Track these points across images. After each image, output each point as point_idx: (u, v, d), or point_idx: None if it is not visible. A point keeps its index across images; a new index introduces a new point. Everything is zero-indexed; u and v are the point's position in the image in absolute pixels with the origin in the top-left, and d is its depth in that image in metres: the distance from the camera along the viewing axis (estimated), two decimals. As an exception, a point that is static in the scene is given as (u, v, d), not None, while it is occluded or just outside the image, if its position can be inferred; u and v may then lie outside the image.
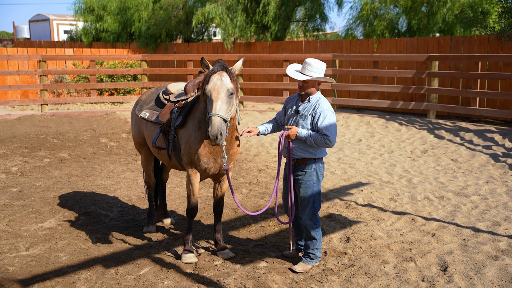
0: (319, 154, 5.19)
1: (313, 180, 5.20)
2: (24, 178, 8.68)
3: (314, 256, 5.31)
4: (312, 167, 5.18)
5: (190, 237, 5.58)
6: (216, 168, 5.42)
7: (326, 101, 5.18)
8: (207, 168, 5.37)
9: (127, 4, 26.08)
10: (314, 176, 5.19)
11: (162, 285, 4.93)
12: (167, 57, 17.83)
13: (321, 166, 5.26)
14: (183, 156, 5.44)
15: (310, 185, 5.20)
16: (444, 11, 16.78)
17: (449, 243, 5.84)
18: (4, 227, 6.45)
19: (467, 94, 13.09)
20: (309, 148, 5.14)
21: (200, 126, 5.28)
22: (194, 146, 5.28)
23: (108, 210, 7.16)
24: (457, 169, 9.22)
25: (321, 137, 5.02)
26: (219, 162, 5.37)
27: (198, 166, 5.35)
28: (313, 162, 5.19)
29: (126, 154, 10.60)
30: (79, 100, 16.47)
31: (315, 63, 5.08)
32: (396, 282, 4.92)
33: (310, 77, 5.08)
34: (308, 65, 5.09)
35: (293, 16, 21.84)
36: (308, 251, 5.31)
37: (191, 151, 5.31)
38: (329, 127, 5.02)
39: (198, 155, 5.28)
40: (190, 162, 5.38)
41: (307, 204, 5.23)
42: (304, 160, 5.18)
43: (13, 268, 5.31)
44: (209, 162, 5.32)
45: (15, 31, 43.10)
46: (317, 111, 5.09)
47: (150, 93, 6.28)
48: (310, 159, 5.18)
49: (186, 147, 5.37)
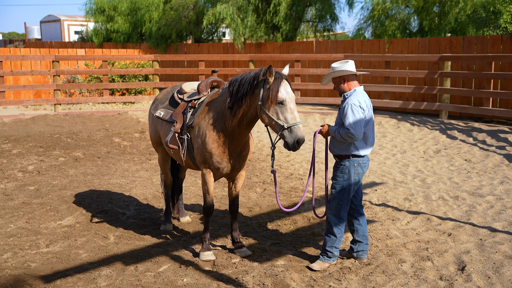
0: (353, 151, 5.17)
1: (344, 178, 5.20)
2: (41, 177, 8.77)
3: (331, 255, 5.31)
4: (345, 164, 5.20)
5: (207, 235, 5.63)
6: (229, 168, 5.46)
7: (356, 96, 5.14)
8: (220, 168, 5.42)
9: (138, 4, 26.23)
10: (345, 173, 5.20)
11: (181, 282, 4.98)
12: (178, 57, 17.91)
13: (357, 166, 5.21)
14: (197, 156, 5.49)
15: (339, 182, 5.22)
16: (456, 11, 16.74)
17: (466, 242, 5.86)
18: (24, 225, 6.53)
19: (480, 94, 13.07)
20: (342, 144, 5.19)
21: (215, 125, 5.33)
22: (208, 145, 5.33)
23: (124, 209, 7.23)
24: (471, 169, 9.21)
25: (343, 130, 5.05)
26: (232, 162, 5.42)
27: (212, 166, 5.40)
28: (347, 159, 5.21)
29: (139, 154, 10.67)
30: (91, 100, 16.59)
31: (334, 64, 5.23)
32: (414, 281, 4.94)
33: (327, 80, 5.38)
34: (331, 69, 5.26)
35: (304, 17, 21.87)
36: (326, 248, 5.31)
37: (204, 151, 5.35)
38: (351, 120, 5.02)
39: (211, 155, 5.33)
40: (203, 161, 5.43)
41: (334, 199, 5.27)
42: (339, 156, 5.26)
43: (35, 264, 5.39)
44: (222, 161, 5.37)
45: (26, 32, 43.41)
46: (344, 105, 5.14)
47: (166, 92, 6.33)
48: (344, 156, 5.21)
49: (199, 147, 5.41)
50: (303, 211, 7.15)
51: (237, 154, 5.43)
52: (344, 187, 5.21)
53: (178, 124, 5.63)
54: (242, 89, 5.09)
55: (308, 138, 11.54)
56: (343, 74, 5.18)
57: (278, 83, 4.91)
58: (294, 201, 7.60)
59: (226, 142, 5.32)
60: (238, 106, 5.12)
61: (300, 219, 6.83)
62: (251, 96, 5.07)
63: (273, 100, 4.89)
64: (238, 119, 5.17)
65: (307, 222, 6.73)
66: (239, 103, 5.11)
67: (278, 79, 4.93)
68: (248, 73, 5.19)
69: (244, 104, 5.10)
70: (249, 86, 5.06)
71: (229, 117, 5.19)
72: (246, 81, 5.09)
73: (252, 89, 5.05)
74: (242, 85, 5.10)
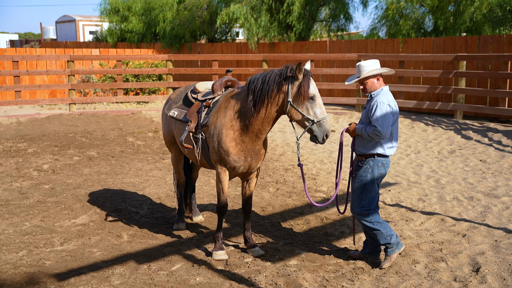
0: (379, 150, 5.16)
1: (366, 178, 5.18)
2: (56, 176, 8.85)
3: (390, 245, 5.21)
4: (369, 164, 5.19)
5: (220, 234, 5.64)
6: (246, 166, 5.47)
7: (385, 94, 5.17)
8: (237, 167, 5.42)
9: (152, 4, 26.35)
10: (368, 173, 5.18)
11: (194, 281, 4.99)
12: (192, 57, 17.97)
13: (381, 166, 5.20)
14: (212, 155, 5.49)
15: (362, 180, 5.20)
16: (472, 10, 16.57)
17: (481, 243, 5.80)
18: (39, 223, 6.60)
19: (495, 94, 12.94)
20: (368, 143, 5.17)
21: (232, 124, 5.33)
22: (225, 144, 5.33)
23: (138, 208, 7.26)
24: (486, 169, 9.12)
25: (371, 128, 5.03)
26: (249, 161, 5.43)
27: (228, 164, 5.40)
28: (371, 159, 5.19)
29: (153, 153, 10.72)
30: (105, 100, 16.70)
31: (363, 63, 5.19)
32: (427, 282, 4.91)
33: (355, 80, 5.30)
34: (358, 67, 5.23)
35: (317, 16, 21.81)
36: (381, 243, 5.23)
37: (221, 150, 5.36)
38: (379, 118, 5.01)
39: (229, 154, 5.33)
40: (219, 160, 5.43)
41: (355, 200, 5.26)
42: (363, 155, 5.24)
43: (50, 262, 5.43)
44: (239, 160, 5.38)
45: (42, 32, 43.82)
46: (371, 104, 5.14)
47: (179, 92, 6.33)
48: (368, 155, 5.19)
49: (215, 145, 5.41)
50: (316, 211, 7.13)
51: (255, 152, 5.45)
52: (366, 187, 5.20)
53: (193, 124, 5.63)
54: (267, 87, 5.13)
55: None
56: (377, 73, 5.19)
57: (308, 79, 5.03)
58: (307, 201, 7.58)
59: (245, 140, 5.33)
60: (261, 103, 5.17)
61: (313, 219, 6.82)
62: (277, 93, 5.12)
63: (306, 96, 5.00)
64: (261, 116, 5.20)
65: (320, 222, 6.71)
66: (263, 100, 5.16)
67: (307, 76, 5.04)
68: (270, 71, 5.23)
69: (269, 101, 5.15)
70: (275, 84, 5.11)
71: (251, 115, 5.22)
72: (271, 78, 5.14)
73: (278, 86, 5.11)
74: (266, 82, 5.14)
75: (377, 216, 5.26)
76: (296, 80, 5.03)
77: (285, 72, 5.08)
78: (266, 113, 5.18)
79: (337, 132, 12.83)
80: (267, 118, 5.21)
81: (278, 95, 5.12)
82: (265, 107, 5.16)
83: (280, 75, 5.11)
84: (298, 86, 5.03)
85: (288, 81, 5.06)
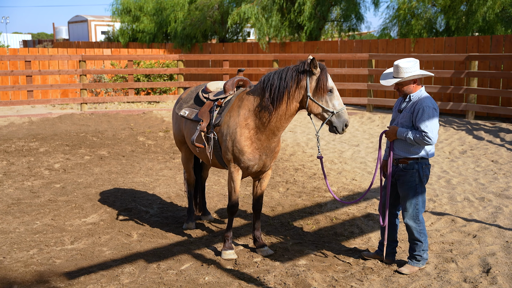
0: (423, 154, 5.05)
1: (415, 181, 5.07)
2: (67, 175, 8.92)
3: (420, 258, 5.16)
4: (414, 168, 5.06)
5: (230, 233, 5.65)
6: (260, 165, 5.48)
7: (428, 98, 5.03)
8: (250, 166, 5.43)
9: (163, 5, 26.45)
10: (416, 177, 5.06)
11: (203, 281, 5.00)
12: (203, 57, 18.01)
13: (425, 167, 5.10)
14: (225, 154, 5.49)
15: (412, 186, 5.08)
16: (484, 10, 16.43)
17: (491, 244, 5.76)
18: (50, 221, 6.65)
19: (508, 94, 12.84)
20: (411, 147, 5.04)
21: (247, 123, 5.34)
22: (240, 143, 5.33)
23: (148, 207, 7.29)
24: (497, 170, 9.05)
25: (419, 134, 4.89)
26: (263, 159, 5.45)
27: (242, 164, 5.40)
28: (415, 162, 5.07)
29: (163, 153, 10.76)
30: (117, 99, 16.78)
31: (403, 64, 5.03)
32: (437, 282, 4.88)
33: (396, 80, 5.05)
34: (397, 68, 5.07)
35: (328, 16, 21.76)
36: (414, 253, 5.16)
37: (235, 149, 5.36)
38: (428, 123, 4.87)
39: (243, 152, 5.34)
40: (233, 159, 5.43)
41: (410, 206, 5.11)
42: (405, 160, 5.09)
43: (60, 260, 5.48)
44: (254, 159, 5.39)
45: (55, 32, 44.16)
46: (415, 108, 4.99)
47: (190, 92, 6.34)
48: (412, 159, 5.07)
49: (229, 145, 5.41)
50: (325, 211, 7.12)
51: (270, 150, 5.47)
52: (417, 191, 5.08)
53: (204, 123, 5.64)
54: (284, 83, 5.18)
55: (332, 138, 11.44)
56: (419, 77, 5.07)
57: (325, 73, 5.10)
58: (317, 201, 7.57)
59: (260, 138, 5.35)
60: (280, 100, 5.21)
61: (323, 219, 6.80)
62: (296, 88, 5.17)
63: (325, 89, 5.08)
64: (281, 112, 5.24)
65: (329, 222, 6.70)
66: (282, 97, 5.20)
67: (324, 70, 5.11)
68: (285, 68, 5.29)
69: (288, 97, 5.19)
70: (293, 80, 5.16)
71: (270, 112, 5.25)
72: (288, 75, 5.19)
73: (296, 82, 5.16)
74: (284, 79, 5.19)
75: (424, 226, 5.17)
76: (314, 74, 5.11)
77: (302, 68, 5.14)
78: (286, 109, 5.23)
79: (348, 131, 12.78)
80: (286, 114, 5.26)
81: (297, 90, 5.17)
82: (284, 103, 5.21)
83: (297, 71, 5.17)
84: (316, 80, 5.10)
85: (306, 76, 5.12)
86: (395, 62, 5.08)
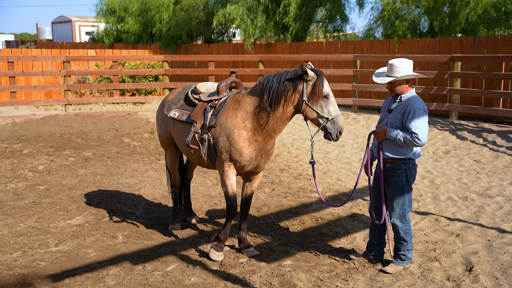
0: (410, 155, 5.08)
1: (402, 181, 5.09)
2: (51, 177, 8.85)
3: (405, 258, 5.20)
4: (401, 168, 5.08)
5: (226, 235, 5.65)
6: (254, 166, 5.53)
7: (418, 99, 5.04)
8: (246, 166, 5.47)
9: (148, 5, 26.35)
10: (403, 177, 5.08)
11: (189, 282, 5.01)
12: (188, 57, 17.96)
13: (412, 167, 5.12)
14: (221, 154, 5.49)
15: (399, 186, 5.11)
16: (467, 11, 16.63)
17: (474, 243, 5.83)
18: (34, 224, 6.60)
19: (490, 95, 12.99)
20: (399, 148, 5.05)
21: (245, 124, 5.38)
22: (238, 144, 5.36)
23: (133, 208, 7.27)
24: (480, 170, 9.16)
25: (409, 135, 4.89)
26: (258, 160, 5.50)
27: (238, 164, 5.43)
28: (403, 163, 5.08)
29: (149, 154, 10.73)
30: (101, 100, 16.69)
31: (398, 63, 5.01)
32: (421, 281, 4.93)
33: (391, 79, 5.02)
34: (391, 67, 5.04)
35: (314, 17, 21.85)
36: (398, 252, 5.21)
37: (233, 150, 5.37)
38: (419, 125, 4.88)
39: (241, 153, 5.37)
40: (229, 159, 5.45)
41: (397, 206, 5.15)
42: (393, 160, 5.10)
43: (44, 263, 5.44)
44: (250, 159, 5.43)
45: (38, 33, 43.75)
46: (406, 109, 4.99)
47: (178, 93, 6.28)
48: (399, 159, 5.08)
49: (225, 145, 5.42)
50: (311, 211, 7.16)
51: (265, 152, 5.51)
52: (404, 191, 5.11)
53: (198, 124, 5.65)
54: (283, 86, 5.23)
55: (316, 139, 11.50)
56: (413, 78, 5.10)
57: (322, 79, 5.12)
58: (303, 201, 7.60)
59: (258, 140, 5.39)
60: (278, 103, 5.25)
61: (308, 219, 6.84)
62: (293, 93, 5.21)
63: (320, 95, 5.11)
64: (278, 115, 5.28)
65: (315, 223, 6.73)
66: (279, 100, 5.24)
67: (321, 76, 5.13)
68: (284, 71, 5.34)
69: (285, 101, 5.24)
70: (290, 84, 5.21)
71: (266, 115, 5.29)
72: (286, 78, 5.23)
73: (293, 86, 5.20)
74: (282, 82, 5.23)
75: (410, 225, 5.21)
76: (310, 80, 5.14)
77: (300, 72, 5.19)
78: (282, 112, 5.27)
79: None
80: (282, 117, 5.30)
81: (294, 94, 5.22)
82: (281, 106, 5.26)
83: (295, 75, 5.22)
84: (312, 85, 5.14)
85: (302, 81, 5.17)
86: (390, 61, 5.07)
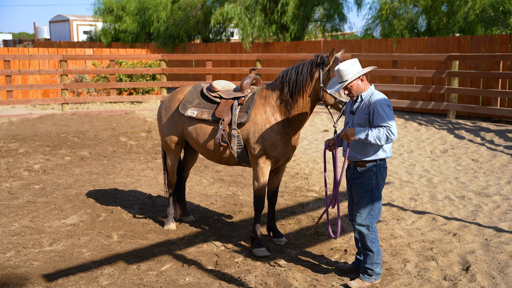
0: (380, 155, 4.74)
1: (372, 184, 4.76)
2: (46, 176, 8.80)
3: (372, 272, 4.84)
4: (371, 170, 4.76)
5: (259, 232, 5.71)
6: (286, 157, 5.66)
7: (379, 94, 4.74)
8: (281, 159, 5.60)
9: (146, 4, 26.31)
10: (373, 180, 4.76)
11: (183, 281, 4.96)
12: (186, 56, 17.91)
13: (383, 170, 4.80)
14: (253, 150, 5.54)
15: (367, 189, 4.76)
16: (465, 11, 16.61)
17: (471, 242, 5.80)
18: (28, 223, 6.55)
19: (488, 94, 12.97)
20: (368, 149, 4.73)
21: (275, 118, 5.51)
22: (272, 138, 5.46)
23: (129, 208, 7.22)
24: (478, 169, 9.13)
25: (382, 129, 4.54)
26: (288, 151, 5.63)
27: (273, 158, 5.53)
28: (374, 165, 4.76)
29: (145, 153, 10.68)
30: (99, 100, 16.63)
31: (343, 66, 4.72)
32: (417, 281, 4.90)
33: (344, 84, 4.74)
34: (339, 73, 4.74)
35: (312, 16, 21.82)
36: (365, 266, 4.87)
37: (267, 144, 5.47)
38: (387, 118, 4.60)
39: (276, 147, 5.48)
40: (264, 154, 5.52)
41: (363, 210, 4.80)
42: (363, 162, 4.78)
43: (38, 263, 5.39)
44: (284, 152, 5.57)
45: (36, 32, 43.67)
46: (370, 108, 4.68)
47: (189, 92, 6.13)
48: (370, 161, 4.75)
49: (259, 141, 5.50)
50: (307, 210, 7.12)
51: (294, 142, 5.68)
52: (373, 195, 4.78)
53: (226, 122, 5.66)
54: (301, 77, 5.34)
55: (314, 138, 11.46)
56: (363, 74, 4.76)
57: (336, 64, 5.16)
58: (299, 200, 7.57)
59: (288, 132, 5.52)
60: (298, 93, 5.38)
61: (305, 219, 6.80)
62: (311, 81, 5.31)
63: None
64: (300, 105, 5.40)
65: (311, 222, 6.69)
66: (299, 90, 5.36)
67: (336, 62, 5.19)
68: (301, 63, 5.45)
69: (304, 90, 5.35)
70: (308, 72, 5.31)
71: (290, 106, 5.41)
72: (304, 68, 5.34)
73: (311, 75, 5.29)
74: (300, 73, 5.35)
75: (377, 236, 4.87)
76: (326, 65, 5.22)
77: (315, 60, 5.29)
78: (303, 102, 5.39)
79: (330, 131, 12.82)
80: (305, 107, 5.42)
81: (312, 82, 5.31)
82: (301, 97, 5.37)
83: (311, 63, 5.33)
84: (327, 71, 5.21)
85: (319, 68, 5.26)
86: (335, 67, 4.80)
